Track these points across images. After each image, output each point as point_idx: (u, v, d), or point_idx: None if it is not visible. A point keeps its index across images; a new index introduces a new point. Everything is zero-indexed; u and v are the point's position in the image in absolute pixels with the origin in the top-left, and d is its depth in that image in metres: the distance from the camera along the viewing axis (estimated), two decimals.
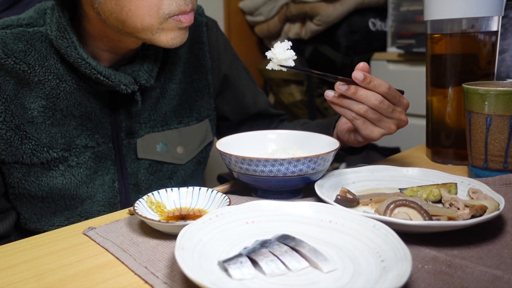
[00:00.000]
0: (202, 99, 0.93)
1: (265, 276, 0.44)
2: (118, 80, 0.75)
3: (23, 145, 0.74)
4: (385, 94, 0.67)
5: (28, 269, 0.51)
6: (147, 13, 0.69)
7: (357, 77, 0.66)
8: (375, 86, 0.66)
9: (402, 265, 0.41)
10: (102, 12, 0.70)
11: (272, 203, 0.55)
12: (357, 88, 0.67)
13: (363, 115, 0.68)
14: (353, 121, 0.69)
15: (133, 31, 0.71)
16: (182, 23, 0.72)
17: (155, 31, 0.71)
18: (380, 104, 0.67)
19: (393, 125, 0.70)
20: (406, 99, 0.71)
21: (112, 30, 0.73)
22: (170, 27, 0.72)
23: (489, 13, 0.76)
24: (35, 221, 0.80)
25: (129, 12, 0.69)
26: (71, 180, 0.78)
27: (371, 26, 2.01)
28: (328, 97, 0.69)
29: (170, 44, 0.73)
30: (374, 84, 0.66)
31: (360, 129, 0.70)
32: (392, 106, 0.68)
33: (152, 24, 0.70)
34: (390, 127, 0.70)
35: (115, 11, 0.69)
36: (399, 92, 0.70)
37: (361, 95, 0.67)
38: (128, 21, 0.70)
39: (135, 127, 0.83)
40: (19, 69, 0.72)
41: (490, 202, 0.55)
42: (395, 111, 0.69)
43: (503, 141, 0.69)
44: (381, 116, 0.69)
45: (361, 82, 0.66)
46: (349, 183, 0.68)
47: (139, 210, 0.58)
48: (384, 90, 0.67)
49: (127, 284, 0.47)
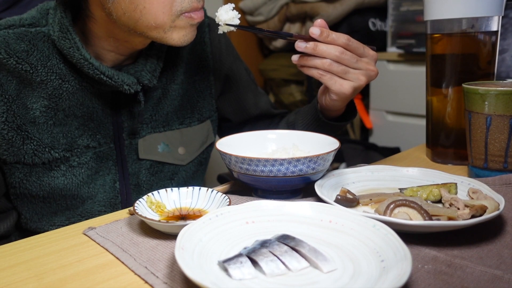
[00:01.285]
0: (204, 100, 0.93)
1: (265, 276, 0.44)
2: (121, 80, 0.75)
3: (25, 145, 0.74)
4: (345, 45, 0.69)
5: (28, 269, 0.51)
6: (160, 11, 0.69)
7: (314, 33, 0.69)
8: (334, 39, 0.68)
9: (402, 265, 0.41)
10: (114, 12, 0.70)
11: (272, 203, 0.55)
12: (316, 44, 0.69)
13: (328, 69, 0.70)
14: (321, 78, 0.71)
15: (145, 29, 0.71)
16: (194, 19, 0.73)
17: (167, 29, 0.72)
18: (342, 55, 0.68)
19: (362, 75, 0.71)
20: (373, 51, 0.73)
21: (120, 30, 0.73)
22: (182, 24, 0.72)
23: (489, 13, 0.76)
24: (35, 221, 0.80)
25: (143, 10, 0.69)
26: (72, 180, 0.78)
27: (371, 26, 2.01)
28: (294, 61, 0.72)
29: (181, 41, 0.74)
30: (333, 37, 0.68)
31: (329, 85, 0.71)
32: (355, 57, 0.70)
33: (165, 22, 0.71)
34: (359, 78, 0.71)
35: (129, 10, 0.69)
36: (363, 44, 0.71)
37: (322, 50, 0.69)
38: (141, 19, 0.70)
39: (137, 127, 0.83)
40: (22, 69, 0.72)
41: (490, 202, 0.55)
42: (360, 61, 0.70)
43: (503, 141, 0.69)
44: (347, 68, 0.70)
45: (319, 36, 0.68)
46: (349, 183, 0.68)
47: (139, 210, 0.58)
48: (344, 41, 0.69)
49: (127, 284, 0.47)
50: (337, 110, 0.81)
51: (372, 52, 0.72)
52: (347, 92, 0.71)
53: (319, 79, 0.71)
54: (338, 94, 0.72)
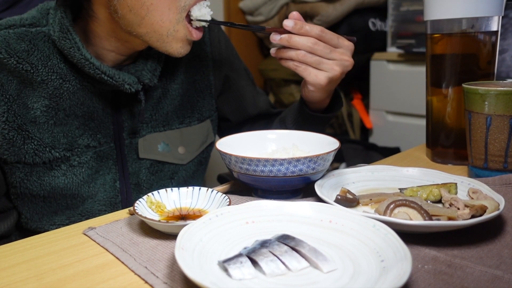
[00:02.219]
0: (204, 99, 0.93)
1: (265, 276, 0.44)
2: (122, 79, 0.75)
3: (26, 145, 0.74)
4: (319, 36, 0.71)
5: (28, 269, 0.51)
6: (167, 7, 0.71)
7: (287, 25, 0.71)
8: (307, 30, 0.70)
9: (402, 265, 0.41)
10: (120, 9, 0.70)
11: (272, 203, 0.55)
12: (291, 36, 0.71)
13: (303, 60, 0.72)
14: (296, 69, 0.73)
15: (148, 29, 0.72)
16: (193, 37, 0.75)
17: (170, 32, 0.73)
18: (314, 46, 0.70)
19: (336, 66, 0.73)
20: (348, 42, 0.74)
21: (121, 30, 0.74)
22: (181, 34, 0.74)
23: (489, 13, 0.76)
24: (36, 221, 0.80)
25: (150, 7, 0.70)
26: (72, 179, 0.78)
27: (371, 26, 2.01)
28: (272, 53, 0.75)
29: (178, 52, 0.76)
30: (306, 29, 0.70)
31: (304, 76, 0.73)
32: (329, 47, 0.71)
33: (170, 19, 0.72)
34: (333, 68, 0.73)
35: (136, 7, 0.70)
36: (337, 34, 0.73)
37: (295, 41, 0.71)
38: (148, 15, 0.71)
39: (137, 127, 0.84)
40: (22, 69, 0.72)
41: (490, 202, 0.55)
42: (334, 52, 0.72)
43: (503, 141, 0.69)
44: (320, 59, 0.72)
45: (292, 28, 0.70)
46: (349, 183, 0.68)
47: (139, 210, 0.58)
48: (317, 33, 0.70)
49: (127, 284, 0.47)
50: (320, 102, 0.82)
51: (347, 42, 0.74)
52: (322, 82, 0.73)
53: (294, 70, 0.73)
54: (314, 85, 0.75)
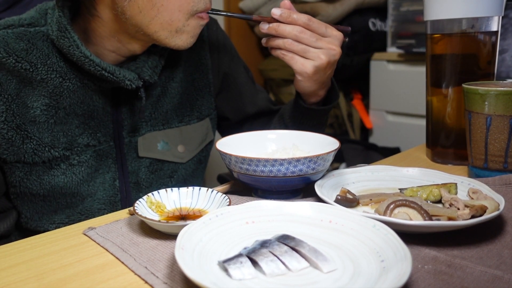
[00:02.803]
0: (203, 98, 0.93)
1: (265, 276, 0.44)
2: (123, 75, 0.75)
3: (25, 144, 0.74)
4: (306, 25, 0.72)
5: (28, 269, 0.51)
6: (177, 8, 0.71)
7: (275, 13, 0.72)
8: (295, 19, 0.72)
9: (402, 265, 0.41)
10: (128, 10, 0.70)
11: (272, 203, 0.55)
12: (278, 25, 0.72)
13: (289, 48, 0.73)
14: (283, 58, 0.74)
15: (157, 28, 0.72)
16: (204, 19, 0.75)
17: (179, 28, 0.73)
18: (301, 34, 0.71)
19: (322, 54, 0.73)
20: (337, 31, 0.75)
21: (125, 31, 0.74)
22: (193, 26, 0.74)
23: (489, 13, 0.76)
24: (36, 220, 0.80)
25: (160, 8, 0.70)
26: (72, 178, 0.78)
27: (371, 26, 2.01)
28: (263, 43, 0.77)
29: (187, 44, 0.76)
30: (293, 17, 0.72)
31: (291, 64, 0.74)
32: (315, 36, 0.72)
33: (179, 19, 0.72)
34: (319, 57, 0.73)
35: (146, 8, 0.70)
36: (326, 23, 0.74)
37: (282, 30, 0.72)
38: (157, 16, 0.71)
39: (137, 125, 0.84)
40: (21, 68, 0.72)
41: (490, 202, 0.55)
42: (320, 40, 0.73)
43: (503, 141, 0.69)
44: (307, 47, 0.73)
45: (280, 17, 0.72)
46: (349, 183, 0.68)
47: (139, 210, 0.58)
48: (304, 21, 0.72)
49: (127, 284, 0.47)
50: (314, 95, 0.82)
51: (336, 32, 0.74)
52: (309, 71, 0.74)
53: (282, 59, 0.74)
54: (301, 73, 0.75)
